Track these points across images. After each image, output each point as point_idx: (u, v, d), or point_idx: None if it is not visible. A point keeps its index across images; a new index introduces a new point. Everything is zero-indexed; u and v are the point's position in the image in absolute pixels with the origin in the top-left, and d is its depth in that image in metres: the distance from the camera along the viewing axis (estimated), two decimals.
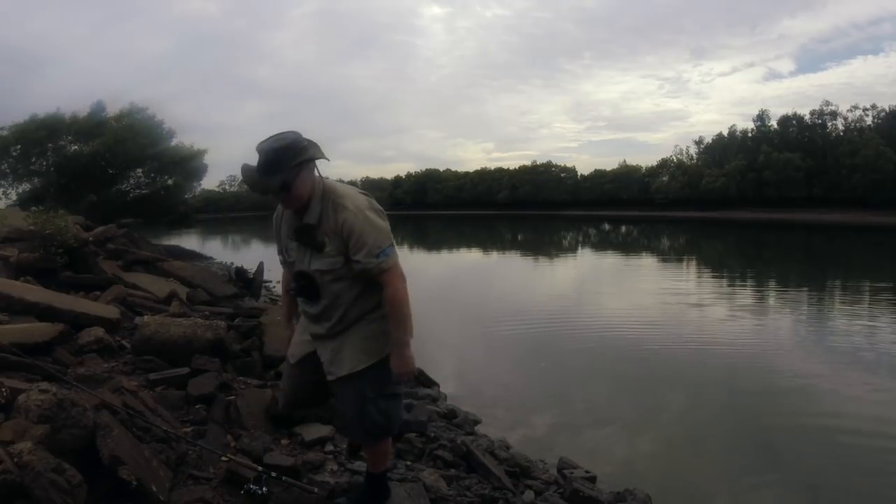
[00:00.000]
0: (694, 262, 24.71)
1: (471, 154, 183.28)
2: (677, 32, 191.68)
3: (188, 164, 30.81)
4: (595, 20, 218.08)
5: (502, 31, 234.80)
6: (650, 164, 79.19)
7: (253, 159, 2.19)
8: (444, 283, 17.50)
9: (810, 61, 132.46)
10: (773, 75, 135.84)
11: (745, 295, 15.43)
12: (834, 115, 63.48)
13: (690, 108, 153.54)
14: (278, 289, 12.78)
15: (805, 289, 16.42)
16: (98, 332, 4.53)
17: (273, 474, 2.68)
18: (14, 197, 28.17)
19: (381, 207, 2.38)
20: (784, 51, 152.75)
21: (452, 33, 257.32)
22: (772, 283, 17.78)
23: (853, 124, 61.84)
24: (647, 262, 25.48)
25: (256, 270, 11.87)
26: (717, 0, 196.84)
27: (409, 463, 3.71)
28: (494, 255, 30.03)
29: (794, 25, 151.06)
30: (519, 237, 43.80)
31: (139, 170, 30.14)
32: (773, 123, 67.16)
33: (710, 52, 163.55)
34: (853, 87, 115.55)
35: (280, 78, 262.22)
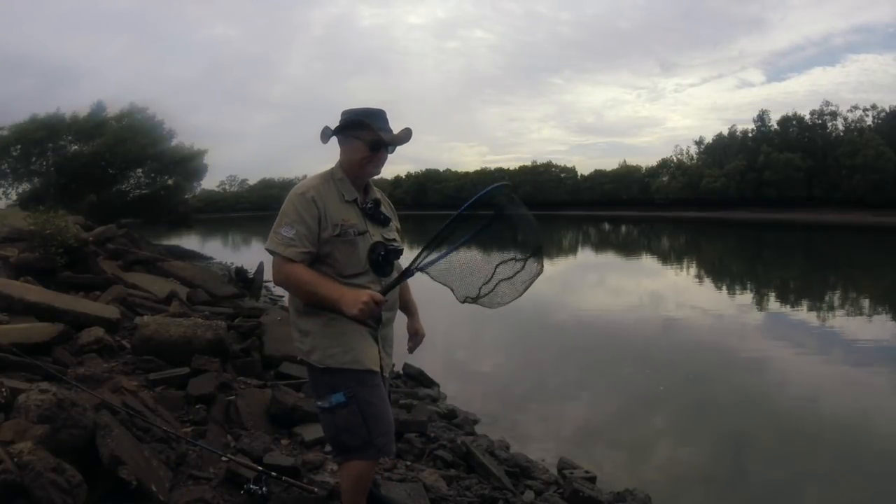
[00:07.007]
0: (694, 262, 24.69)
1: (467, 157, 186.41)
2: (646, 52, 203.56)
3: (188, 165, 30.83)
4: (570, 44, 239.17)
5: (487, 51, 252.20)
6: (650, 165, 79.18)
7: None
8: None
9: (776, 72, 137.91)
10: (745, 84, 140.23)
11: (746, 295, 15.43)
12: (834, 115, 63.27)
13: (668, 115, 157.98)
14: (279, 289, 12.78)
15: (805, 288, 16.41)
16: (98, 332, 4.54)
17: (273, 474, 2.68)
18: (14, 197, 28.20)
19: None
20: (749, 63, 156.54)
21: (442, 52, 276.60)
22: (772, 283, 17.76)
23: (853, 125, 61.60)
24: (648, 261, 25.48)
25: (256, 270, 11.87)
26: (674, 24, 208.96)
27: (409, 463, 3.71)
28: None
29: (750, 44, 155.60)
30: None
31: (139, 170, 30.15)
32: (774, 124, 67.00)
33: (678, 67, 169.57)
34: (817, 93, 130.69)
35: (289, 93, 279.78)
